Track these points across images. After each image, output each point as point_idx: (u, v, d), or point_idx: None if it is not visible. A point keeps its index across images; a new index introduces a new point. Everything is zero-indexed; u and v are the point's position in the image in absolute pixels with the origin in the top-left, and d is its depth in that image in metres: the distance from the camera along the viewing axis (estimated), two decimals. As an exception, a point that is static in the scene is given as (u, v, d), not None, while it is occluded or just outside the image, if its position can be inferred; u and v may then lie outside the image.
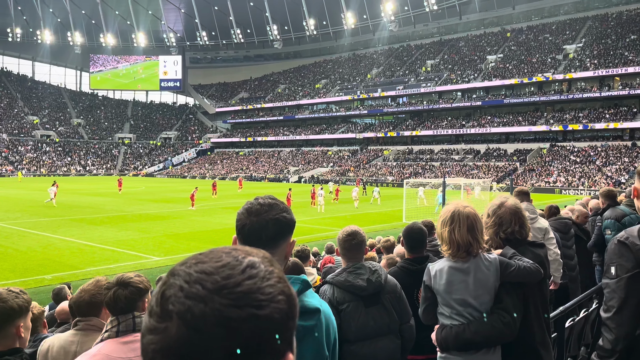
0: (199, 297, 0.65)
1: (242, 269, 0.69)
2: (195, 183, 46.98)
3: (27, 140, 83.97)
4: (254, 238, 1.56)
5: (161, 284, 0.70)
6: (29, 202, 32.42)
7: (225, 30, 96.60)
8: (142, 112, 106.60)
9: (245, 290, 0.67)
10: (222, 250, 0.73)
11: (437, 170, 56.77)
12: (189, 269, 0.69)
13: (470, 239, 2.51)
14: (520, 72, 62.54)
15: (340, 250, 3.15)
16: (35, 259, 15.03)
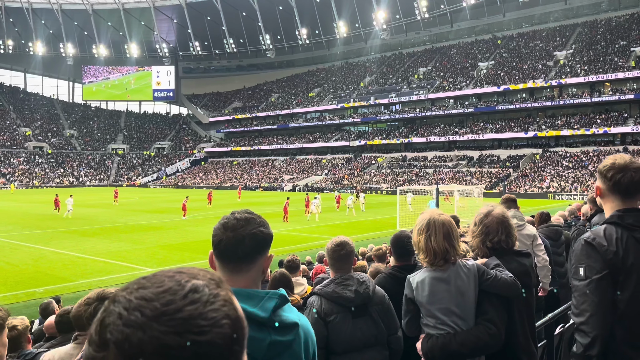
0: (137, 324, 0.63)
1: (184, 294, 0.67)
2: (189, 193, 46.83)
3: (19, 152, 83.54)
4: (230, 253, 1.54)
5: (102, 311, 0.67)
6: (22, 215, 32.20)
7: (218, 40, 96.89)
8: (136, 123, 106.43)
9: (186, 317, 0.65)
10: (165, 274, 0.71)
11: (431, 177, 56.89)
12: (130, 295, 0.67)
13: (446, 246, 2.50)
14: (511, 79, 63.03)
15: (329, 261, 3.11)
16: (26, 272, 14.90)
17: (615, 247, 2.01)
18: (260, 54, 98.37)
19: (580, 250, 2.06)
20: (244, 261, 1.54)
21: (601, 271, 1.98)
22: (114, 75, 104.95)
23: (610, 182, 2.12)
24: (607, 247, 2.01)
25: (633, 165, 2.09)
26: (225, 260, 1.56)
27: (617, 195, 2.13)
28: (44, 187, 74.17)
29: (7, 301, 11.65)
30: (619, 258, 2.00)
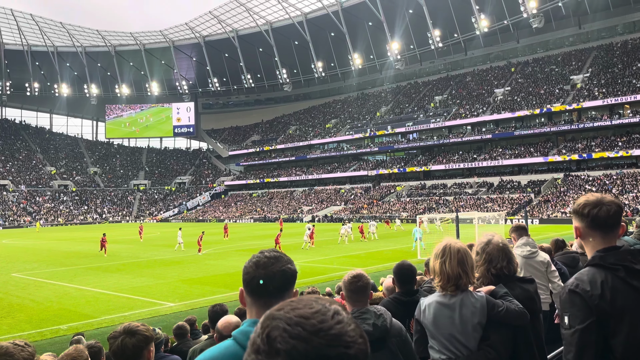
0: (301, 337, 0.79)
1: (332, 315, 0.83)
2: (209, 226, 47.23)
3: (45, 191, 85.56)
4: (263, 289, 1.65)
5: (263, 326, 0.82)
6: (46, 252, 32.79)
7: (236, 76, 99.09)
8: (157, 159, 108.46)
9: (336, 333, 0.80)
10: (309, 299, 0.89)
11: (451, 205, 56.43)
12: (288, 313, 0.83)
13: (460, 272, 2.57)
14: (529, 104, 62.86)
15: (345, 293, 3.15)
16: (51, 310, 15.13)
17: (600, 291, 1.96)
18: (277, 88, 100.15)
19: (565, 299, 2.01)
20: (275, 296, 1.63)
21: (585, 320, 1.93)
22: (136, 113, 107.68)
23: (587, 218, 2.09)
24: (592, 292, 1.96)
25: (606, 200, 2.09)
26: (257, 296, 1.66)
27: (596, 231, 2.09)
28: (68, 225, 75.57)
29: (33, 339, 11.83)
30: (607, 302, 1.94)
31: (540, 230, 35.85)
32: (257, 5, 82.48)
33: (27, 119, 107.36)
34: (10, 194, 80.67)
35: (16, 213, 76.07)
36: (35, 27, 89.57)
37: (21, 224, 72.91)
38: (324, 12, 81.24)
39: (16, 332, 12.44)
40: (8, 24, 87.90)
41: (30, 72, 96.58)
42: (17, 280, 20.87)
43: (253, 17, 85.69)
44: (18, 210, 77.01)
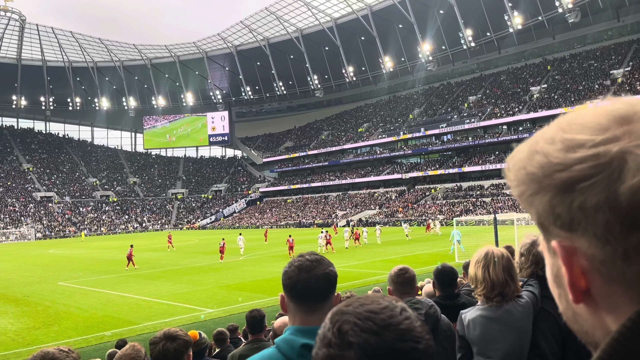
0: (372, 331, 0.81)
1: (399, 312, 0.85)
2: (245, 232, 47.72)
3: (88, 202, 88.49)
4: (306, 293, 1.60)
5: (332, 321, 0.85)
6: (91, 261, 33.89)
7: (268, 84, 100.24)
8: (193, 167, 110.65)
9: (405, 328, 0.82)
10: (375, 296, 0.90)
11: (489, 206, 55.37)
12: (357, 309, 0.85)
13: (506, 278, 2.38)
14: (567, 101, 61.14)
15: (393, 287, 3.11)
16: (95, 317, 15.63)
17: None
18: (309, 94, 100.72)
19: None
20: (319, 300, 1.60)
21: None
22: (172, 123, 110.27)
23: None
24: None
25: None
26: (300, 300, 1.62)
27: None
28: (110, 234, 77.86)
29: (78, 345, 12.25)
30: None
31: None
32: (288, 13, 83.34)
33: (70, 132, 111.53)
34: (56, 206, 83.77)
35: (61, 223, 78.90)
36: (75, 43, 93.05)
37: (66, 234, 75.58)
38: (353, 16, 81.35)
39: (63, 339, 12.91)
40: (49, 41, 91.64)
41: (71, 87, 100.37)
42: (64, 288, 21.65)
43: (283, 24, 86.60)
44: (63, 221, 79.87)
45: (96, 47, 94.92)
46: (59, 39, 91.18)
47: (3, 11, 79.17)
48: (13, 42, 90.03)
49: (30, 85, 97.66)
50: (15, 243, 66.53)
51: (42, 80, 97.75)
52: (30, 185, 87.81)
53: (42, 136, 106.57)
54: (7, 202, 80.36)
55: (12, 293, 20.82)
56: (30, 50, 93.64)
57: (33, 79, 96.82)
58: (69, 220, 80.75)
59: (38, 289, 21.76)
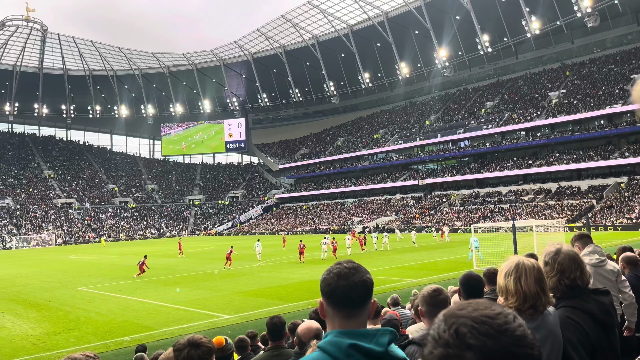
0: (490, 335, 0.85)
1: (513, 318, 0.89)
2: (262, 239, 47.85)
3: (107, 208, 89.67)
4: (346, 300, 1.64)
5: (447, 323, 0.89)
6: (110, 266, 34.30)
7: (284, 91, 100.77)
8: (210, 174, 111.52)
9: (520, 335, 0.87)
10: (486, 302, 0.95)
11: (507, 213, 54.74)
12: (472, 313, 0.90)
13: (538, 290, 2.31)
14: (587, 106, 60.28)
15: (425, 308, 3.02)
16: (115, 322, 15.78)
17: None
18: (324, 101, 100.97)
19: None
20: (358, 306, 1.65)
21: None
22: (189, 130, 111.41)
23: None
24: None
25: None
26: (340, 306, 1.65)
27: None
28: (129, 240, 78.74)
29: (98, 350, 12.38)
30: None
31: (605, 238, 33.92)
32: (303, 20, 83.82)
33: (90, 140, 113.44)
34: (76, 212, 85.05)
35: (81, 229, 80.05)
36: (96, 52, 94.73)
37: (86, 240, 76.65)
38: (369, 23, 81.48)
39: (83, 344, 13.06)
40: (70, 50, 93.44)
41: (92, 95, 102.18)
42: (83, 293, 21.93)
43: (299, 32, 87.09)
44: (83, 227, 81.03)
45: (115, 56, 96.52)
46: (80, 48, 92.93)
47: (25, 21, 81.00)
48: (35, 52, 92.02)
49: (51, 93, 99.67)
50: (37, 249, 67.66)
51: (63, 88, 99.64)
52: (51, 191, 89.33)
53: (63, 143, 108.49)
54: (29, 208, 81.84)
55: (34, 298, 21.16)
56: (51, 60, 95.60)
57: (54, 88, 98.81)
58: (89, 226, 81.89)
59: (59, 294, 22.08)
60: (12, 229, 74.84)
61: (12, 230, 74.28)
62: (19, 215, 79.18)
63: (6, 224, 75.74)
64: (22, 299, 21.17)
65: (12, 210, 79.87)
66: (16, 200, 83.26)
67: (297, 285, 21.19)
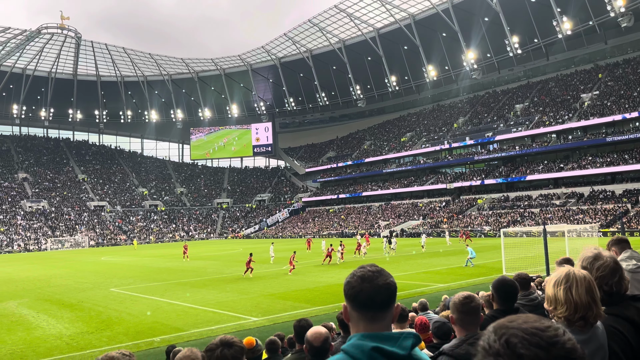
0: (541, 346, 0.88)
1: (563, 332, 0.92)
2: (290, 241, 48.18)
3: (137, 211, 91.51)
4: (370, 302, 1.65)
5: (497, 333, 0.93)
6: (140, 268, 34.99)
7: (310, 95, 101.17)
8: (238, 178, 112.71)
9: (571, 348, 0.90)
10: (535, 316, 0.99)
11: (537, 217, 53.64)
12: (522, 325, 0.93)
13: (589, 301, 2.22)
14: (620, 108, 58.64)
15: (456, 316, 2.97)
16: (145, 323, 16.11)
17: None
18: (351, 104, 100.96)
19: None
20: (382, 309, 1.66)
21: None
22: (218, 134, 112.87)
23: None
24: None
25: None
26: (364, 310, 1.66)
27: None
28: (158, 242, 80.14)
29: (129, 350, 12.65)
30: None
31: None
32: (330, 24, 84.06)
33: (121, 144, 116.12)
34: (108, 214, 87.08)
35: (113, 232, 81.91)
36: (127, 59, 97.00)
37: (117, 242, 78.36)
38: (396, 26, 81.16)
39: (115, 344, 13.37)
40: (103, 57, 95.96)
41: (123, 101, 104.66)
42: (115, 294, 22.44)
43: (326, 36, 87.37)
44: (115, 229, 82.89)
45: (146, 62, 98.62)
46: (112, 54, 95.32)
47: (60, 29, 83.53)
48: (70, 59, 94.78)
49: (85, 99, 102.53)
50: (70, 250, 69.52)
51: (96, 94, 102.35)
52: (84, 194, 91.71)
53: (96, 148, 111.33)
54: (63, 211, 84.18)
55: (68, 298, 21.76)
56: (85, 66, 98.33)
57: (88, 93, 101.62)
58: (120, 229, 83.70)
59: (91, 294, 22.65)
60: (47, 231, 77.08)
61: (47, 233, 76.52)
62: (54, 217, 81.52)
63: (41, 226, 78.06)
64: (56, 299, 21.80)
65: (47, 213, 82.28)
66: (51, 203, 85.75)
67: (324, 289, 21.22)
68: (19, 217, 79.01)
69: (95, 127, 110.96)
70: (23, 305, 20.57)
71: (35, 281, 29.31)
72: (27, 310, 19.21)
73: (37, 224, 78.44)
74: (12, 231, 74.77)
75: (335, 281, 23.24)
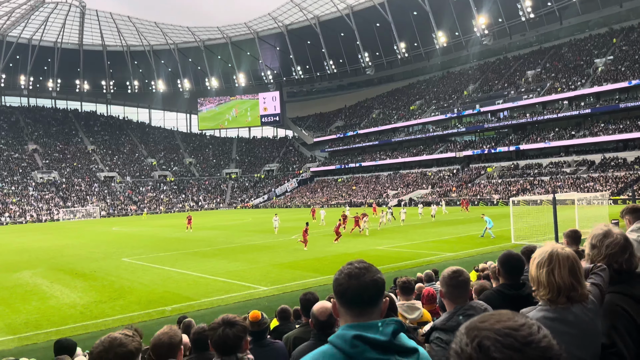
0: (515, 348, 0.85)
1: (537, 329, 0.89)
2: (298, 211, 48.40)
3: (147, 181, 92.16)
4: (357, 299, 1.69)
5: (469, 336, 0.88)
6: (150, 238, 35.42)
7: (318, 63, 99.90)
8: (246, 148, 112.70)
9: (546, 346, 0.87)
10: (509, 313, 0.95)
11: (547, 185, 53.34)
12: (494, 325, 0.89)
13: (572, 282, 2.23)
14: (635, 74, 57.37)
15: (445, 289, 3.02)
16: (156, 292, 16.36)
17: None
18: (359, 72, 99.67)
19: None
20: (369, 305, 1.69)
21: None
22: (225, 104, 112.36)
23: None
24: None
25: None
26: (351, 306, 1.70)
27: None
28: (168, 212, 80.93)
29: (141, 319, 12.90)
30: None
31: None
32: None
33: (129, 115, 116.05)
34: (118, 185, 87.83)
35: (123, 202, 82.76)
36: (133, 28, 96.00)
37: (128, 212, 79.27)
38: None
39: (127, 313, 13.62)
40: (108, 26, 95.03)
41: (130, 71, 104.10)
42: (127, 264, 22.78)
43: (334, 1, 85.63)
44: (125, 200, 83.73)
45: (152, 31, 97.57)
46: (117, 23, 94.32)
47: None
48: (75, 28, 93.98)
49: (91, 69, 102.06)
50: (82, 221, 70.48)
51: (103, 64, 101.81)
52: (94, 165, 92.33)
53: (104, 118, 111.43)
54: (74, 182, 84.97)
55: (81, 268, 22.12)
56: (91, 36, 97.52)
57: (94, 64, 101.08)
58: (130, 199, 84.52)
59: (104, 264, 23.01)
60: (58, 201, 78.03)
61: (59, 203, 77.47)
62: (65, 188, 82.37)
63: (53, 197, 78.99)
64: (69, 269, 22.18)
65: (58, 184, 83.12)
66: (62, 174, 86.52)
67: (333, 258, 21.38)
68: (30, 188, 79.92)
69: (102, 98, 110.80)
70: (37, 274, 20.95)
71: (48, 251, 29.81)
72: (41, 280, 19.58)
73: (48, 194, 79.36)
74: (24, 202, 75.78)
75: (343, 250, 23.39)
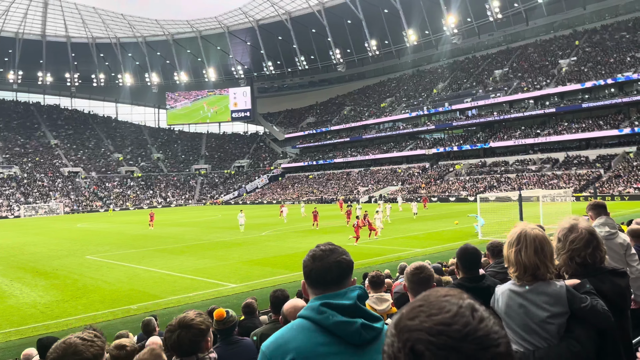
0: (450, 346, 0.74)
1: (471, 314, 0.78)
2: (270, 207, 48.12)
3: (113, 177, 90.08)
4: (321, 280, 1.76)
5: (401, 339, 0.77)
6: (117, 235, 34.61)
7: (290, 59, 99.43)
8: (216, 143, 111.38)
9: (484, 334, 0.77)
10: (438, 299, 0.82)
11: (513, 183, 54.51)
12: (425, 323, 0.78)
13: (537, 262, 2.35)
14: (597, 74, 59.17)
15: (408, 285, 3.16)
16: (122, 290, 15.95)
17: None
18: (331, 69, 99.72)
19: None
20: (334, 285, 1.76)
21: None
22: (195, 99, 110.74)
23: None
24: None
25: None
26: (316, 286, 1.78)
27: None
28: (135, 209, 79.32)
29: (105, 318, 12.53)
30: None
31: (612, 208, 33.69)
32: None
33: (95, 109, 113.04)
34: (82, 181, 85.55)
35: (88, 198, 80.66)
36: (99, 19, 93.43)
37: (94, 209, 77.33)
38: (376, -12, 79.60)
39: (91, 312, 13.21)
40: (72, 17, 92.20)
41: (95, 63, 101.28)
42: (91, 262, 22.16)
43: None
44: (90, 196, 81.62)
45: (119, 23, 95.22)
46: (82, 14, 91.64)
47: (27, -12, 79.66)
48: (37, 19, 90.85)
49: (55, 61, 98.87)
50: (45, 217, 68.39)
51: (67, 56, 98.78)
52: (57, 160, 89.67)
53: (68, 112, 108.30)
54: (36, 177, 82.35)
55: (42, 266, 21.40)
56: (54, 27, 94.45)
57: (58, 56, 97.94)
58: (96, 195, 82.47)
59: (67, 262, 22.32)
60: (19, 197, 75.50)
61: (19, 199, 74.95)
62: (27, 184, 79.74)
63: (14, 192, 76.37)
64: (30, 267, 21.43)
65: (19, 179, 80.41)
66: (23, 169, 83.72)
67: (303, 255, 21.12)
68: (-10, 183, 77.07)
69: (66, 91, 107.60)
70: (-5, 273, 20.16)
71: (7, 249, 28.77)
72: (0, 279, 18.84)
73: (8, 190, 76.69)
74: (-17, 198, 73.01)
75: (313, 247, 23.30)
